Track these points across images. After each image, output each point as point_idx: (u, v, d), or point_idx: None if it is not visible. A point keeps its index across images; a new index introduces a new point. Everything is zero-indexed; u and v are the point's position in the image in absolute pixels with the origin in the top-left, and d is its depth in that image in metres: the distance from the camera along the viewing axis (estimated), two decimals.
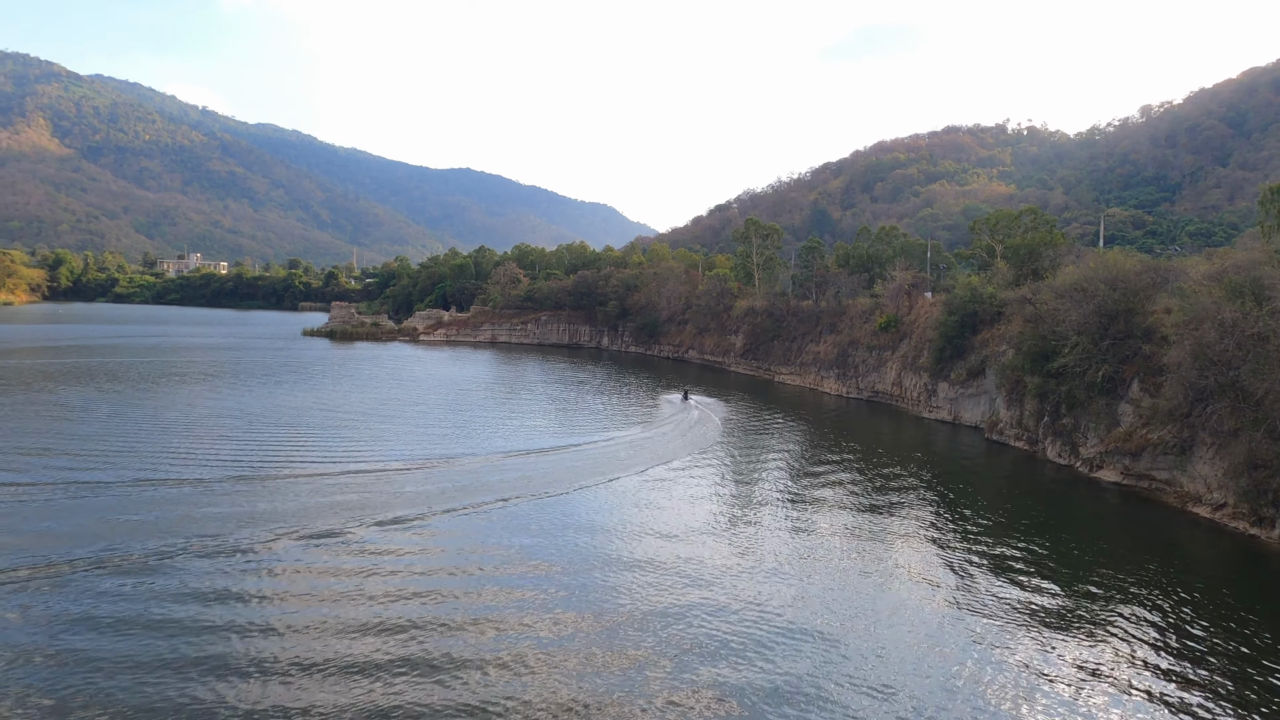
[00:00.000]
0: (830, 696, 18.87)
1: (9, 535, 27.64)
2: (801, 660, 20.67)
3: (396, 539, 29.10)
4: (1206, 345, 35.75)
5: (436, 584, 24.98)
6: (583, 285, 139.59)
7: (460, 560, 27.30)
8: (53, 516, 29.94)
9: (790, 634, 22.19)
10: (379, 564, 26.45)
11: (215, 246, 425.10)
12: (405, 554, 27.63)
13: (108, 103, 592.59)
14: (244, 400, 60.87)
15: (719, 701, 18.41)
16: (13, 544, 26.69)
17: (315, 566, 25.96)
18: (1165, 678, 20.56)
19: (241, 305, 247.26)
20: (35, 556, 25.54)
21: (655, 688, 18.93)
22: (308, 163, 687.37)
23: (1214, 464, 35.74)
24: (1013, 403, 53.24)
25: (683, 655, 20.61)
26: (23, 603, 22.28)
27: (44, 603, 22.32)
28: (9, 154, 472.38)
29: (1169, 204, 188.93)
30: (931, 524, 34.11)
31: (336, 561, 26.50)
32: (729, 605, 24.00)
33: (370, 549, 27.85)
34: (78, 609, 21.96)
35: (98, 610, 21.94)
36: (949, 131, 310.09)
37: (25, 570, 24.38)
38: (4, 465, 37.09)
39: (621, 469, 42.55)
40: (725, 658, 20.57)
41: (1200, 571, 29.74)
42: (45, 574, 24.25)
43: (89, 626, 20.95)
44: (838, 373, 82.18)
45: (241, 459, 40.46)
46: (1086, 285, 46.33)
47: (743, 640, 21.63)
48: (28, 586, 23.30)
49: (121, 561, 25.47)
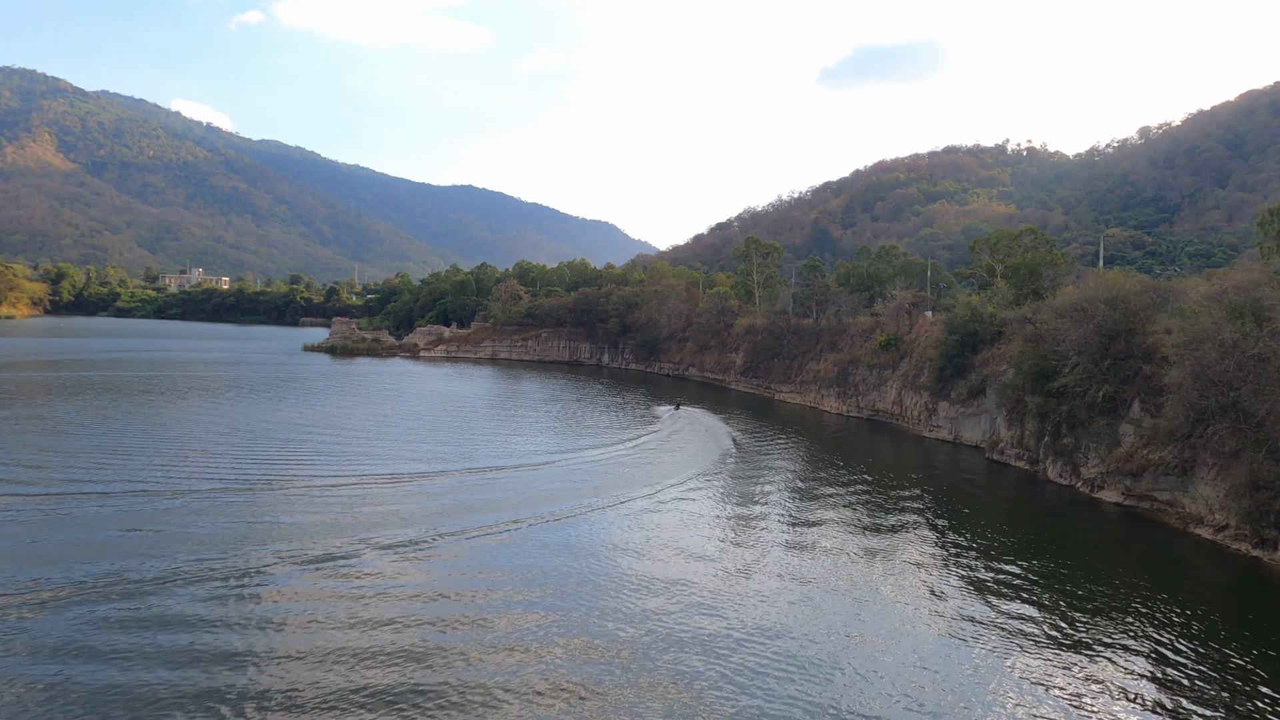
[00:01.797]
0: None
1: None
2: (792, 685, 20.47)
3: (395, 564, 28.79)
4: (1207, 366, 35.73)
5: (439, 611, 24.35)
6: (583, 302, 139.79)
7: (462, 584, 26.69)
8: (50, 531, 29.80)
9: (785, 658, 21.99)
10: (377, 588, 25.97)
11: (217, 261, 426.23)
12: (404, 578, 27.17)
13: (113, 118, 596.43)
14: (245, 415, 60.69)
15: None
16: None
17: (314, 591, 25.43)
18: (1167, 702, 20.34)
19: (243, 320, 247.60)
20: (22, 576, 25.01)
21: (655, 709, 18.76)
22: (310, 179, 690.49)
23: (1216, 485, 35.60)
24: (1013, 422, 53.13)
25: (681, 680, 20.43)
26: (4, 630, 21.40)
27: (31, 629, 21.47)
28: (14, 168, 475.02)
29: (1168, 225, 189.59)
30: (932, 545, 33.92)
31: (335, 585, 25.96)
32: (726, 631, 23.83)
33: (369, 572, 27.38)
34: (68, 635, 21.32)
35: (90, 639, 21.26)
36: (949, 152, 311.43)
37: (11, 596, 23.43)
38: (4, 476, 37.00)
39: (623, 487, 42.43)
40: (720, 683, 20.41)
41: (1202, 594, 29.51)
42: (31, 600, 23.40)
43: (78, 654, 20.27)
44: (838, 391, 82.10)
45: (240, 474, 40.33)
46: (1087, 305, 46.37)
47: (735, 666, 21.45)
48: (8, 615, 22.30)
49: (113, 584, 25.09)
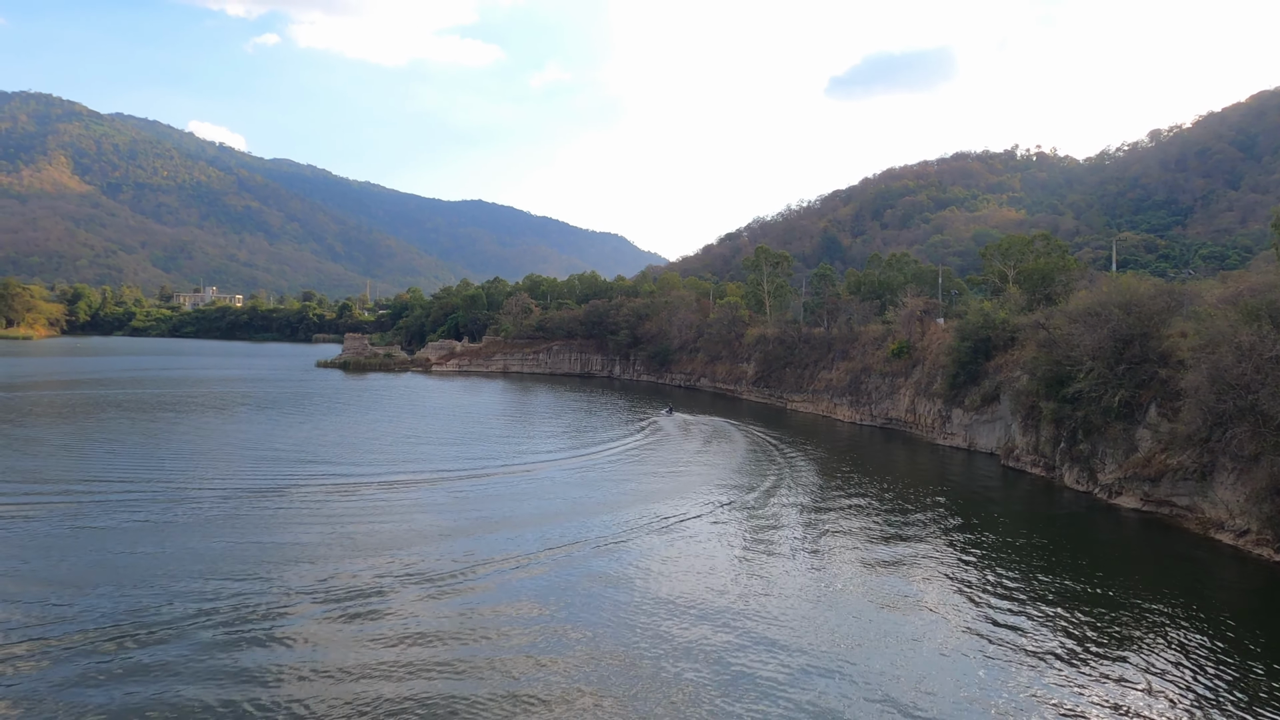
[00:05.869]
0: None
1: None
2: (811, 691, 20.37)
3: (423, 602, 27.87)
4: (1224, 369, 35.39)
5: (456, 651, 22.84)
6: (594, 314, 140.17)
7: (476, 623, 24.53)
8: (66, 552, 30.04)
9: (804, 671, 21.86)
10: (397, 624, 24.43)
11: (231, 280, 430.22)
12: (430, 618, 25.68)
13: (127, 140, 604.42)
14: (265, 431, 61.12)
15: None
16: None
17: (335, 631, 23.67)
18: (1190, 712, 20.07)
19: (256, 337, 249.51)
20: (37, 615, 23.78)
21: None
22: (322, 196, 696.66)
23: (1236, 489, 35.20)
24: (1028, 429, 52.76)
25: (700, 695, 20.35)
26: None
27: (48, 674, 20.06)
28: (31, 191, 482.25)
29: (1181, 227, 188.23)
30: (948, 554, 33.66)
31: (356, 624, 24.11)
32: (742, 643, 23.77)
33: (396, 612, 25.64)
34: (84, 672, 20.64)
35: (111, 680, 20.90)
36: (958, 158, 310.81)
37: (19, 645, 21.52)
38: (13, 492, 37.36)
39: (642, 502, 42.43)
40: (738, 693, 20.32)
41: (1225, 600, 29.14)
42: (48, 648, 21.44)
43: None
44: (850, 400, 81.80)
45: (259, 490, 40.61)
46: (1100, 309, 46.08)
47: (754, 676, 21.35)
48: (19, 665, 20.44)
49: (126, 621, 24.41)
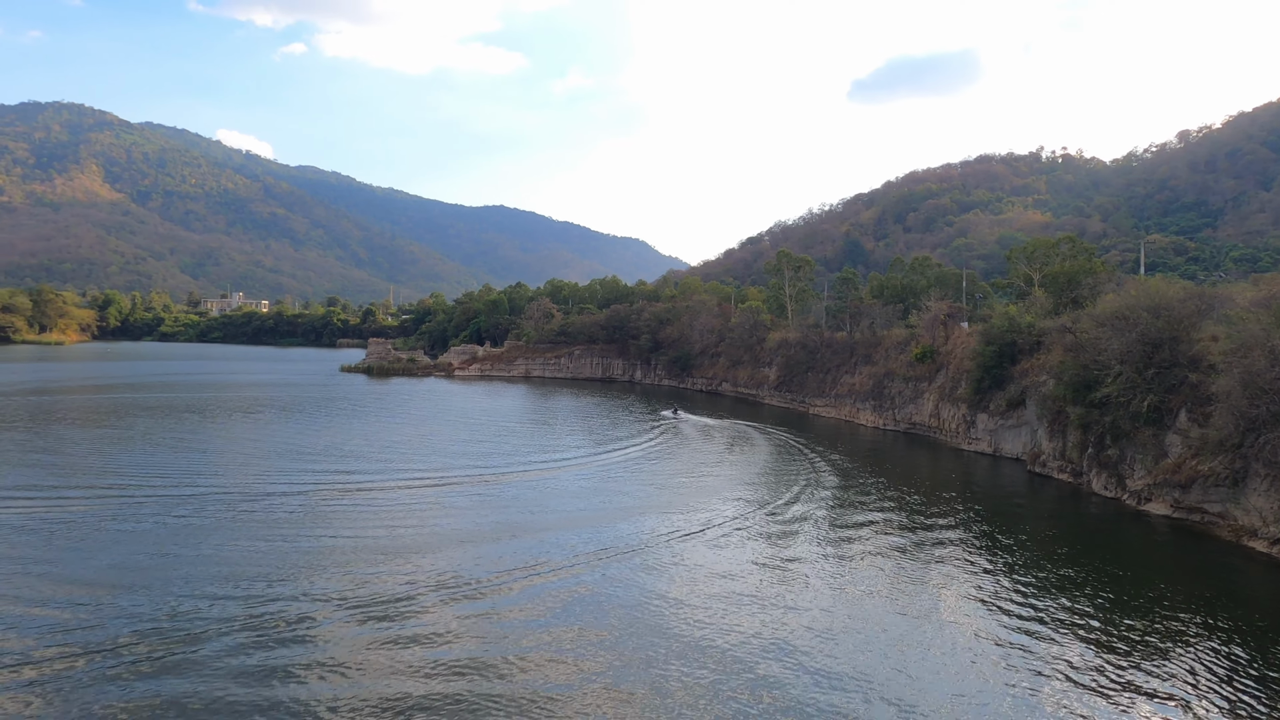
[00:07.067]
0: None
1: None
2: (833, 694, 20.27)
3: (452, 613, 28.82)
4: (1257, 373, 34.77)
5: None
6: (615, 319, 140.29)
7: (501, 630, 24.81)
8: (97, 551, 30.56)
9: (824, 675, 21.75)
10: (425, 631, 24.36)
11: (257, 285, 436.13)
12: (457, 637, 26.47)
13: (156, 149, 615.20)
14: (292, 435, 61.87)
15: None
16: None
17: (362, 632, 23.78)
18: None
19: (282, 342, 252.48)
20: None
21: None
22: (346, 203, 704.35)
23: (1269, 496, 34.53)
24: (1055, 434, 52.09)
25: (723, 697, 20.32)
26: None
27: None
28: (63, 199, 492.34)
29: (1211, 229, 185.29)
30: (976, 562, 33.32)
31: (383, 626, 24.23)
32: (766, 646, 23.68)
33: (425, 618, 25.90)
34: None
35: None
36: (982, 161, 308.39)
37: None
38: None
39: (664, 508, 42.45)
40: (758, 696, 20.25)
41: (1260, 610, 28.55)
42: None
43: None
44: (874, 404, 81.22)
45: (284, 493, 41.09)
46: (1128, 313, 45.44)
47: (774, 680, 21.26)
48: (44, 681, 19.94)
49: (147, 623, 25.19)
